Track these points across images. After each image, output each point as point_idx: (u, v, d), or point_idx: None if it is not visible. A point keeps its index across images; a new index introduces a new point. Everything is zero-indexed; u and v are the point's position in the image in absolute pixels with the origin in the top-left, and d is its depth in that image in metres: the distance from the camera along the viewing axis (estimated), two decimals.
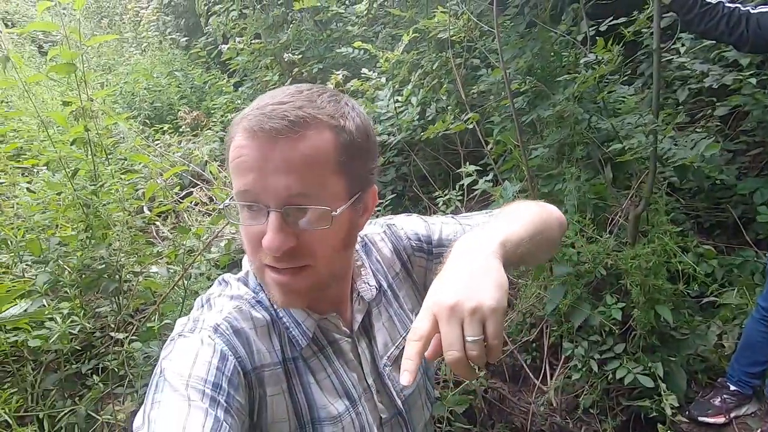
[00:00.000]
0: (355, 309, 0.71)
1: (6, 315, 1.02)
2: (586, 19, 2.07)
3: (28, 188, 1.71)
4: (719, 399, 1.89)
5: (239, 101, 3.61)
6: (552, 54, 2.36)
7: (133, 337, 1.36)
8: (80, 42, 1.45)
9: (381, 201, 2.66)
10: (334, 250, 0.60)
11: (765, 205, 2.30)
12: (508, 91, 1.95)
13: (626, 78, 2.74)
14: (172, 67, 4.43)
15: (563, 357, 2.04)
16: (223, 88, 3.93)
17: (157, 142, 2.80)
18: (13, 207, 1.69)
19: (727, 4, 1.61)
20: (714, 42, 2.31)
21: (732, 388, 1.87)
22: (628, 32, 1.91)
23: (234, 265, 1.45)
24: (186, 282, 1.37)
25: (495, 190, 1.91)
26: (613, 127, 2.00)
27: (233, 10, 4.47)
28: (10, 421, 1.08)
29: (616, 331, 1.89)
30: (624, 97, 2.47)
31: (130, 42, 5.35)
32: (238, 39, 3.61)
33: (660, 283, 1.94)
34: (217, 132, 3.25)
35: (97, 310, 1.51)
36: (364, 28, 3.10)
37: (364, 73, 2.48)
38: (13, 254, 1.44)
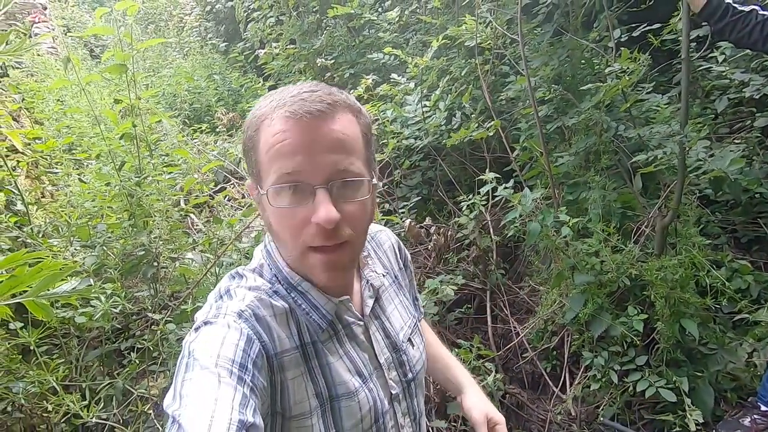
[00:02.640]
0: (366, 295, 0.76)
1: (59, 291, 1.13)
2: (617, 27, 2.05)
3: (79, 179, 1.87)
4: (749, 419, 1.82)
5: None
6: (582, 61, 2.35)
7: (168, 319, 1.47)
8: (131, 45, 1.58)
9: (406, 203, 2.71)
10: (367, 225, 0.67)
11: None
12: (532, 98, 1.96)
13: (662, 87, 2.68)
14: (211, 71, 4.65)
15: (583, 366, 2.02)
16: (258, 91, 4.08)
17: (195, 140, 2.95)
18: (66, 195, 1.85)
19: (761, 12, 1.57)
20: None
21: (763, 408, 1.80)
22: (657, 40, 1.88)
23: None
24: (218, 269, 1.46)
25: (515, 196, 1.92)
26: (640, 136, 1.97)
27: (271, 16, 4.66)
28: (58, 388, 1.19)
29: (639, 343, 1.86)
30: (658, 107, 2.42)
31: (174, 46, 5.63)
32: (274, 44, 3.75)
33: (687, 297, 1.89)
34: None
35: (136, 294, 1.62)
36: (395, 34, 3.17)
37: (393, 78, 2.53)
38: (65, 239, 1.57)
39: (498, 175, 2.03)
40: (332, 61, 3.58)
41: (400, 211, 2.60)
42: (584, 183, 2.20)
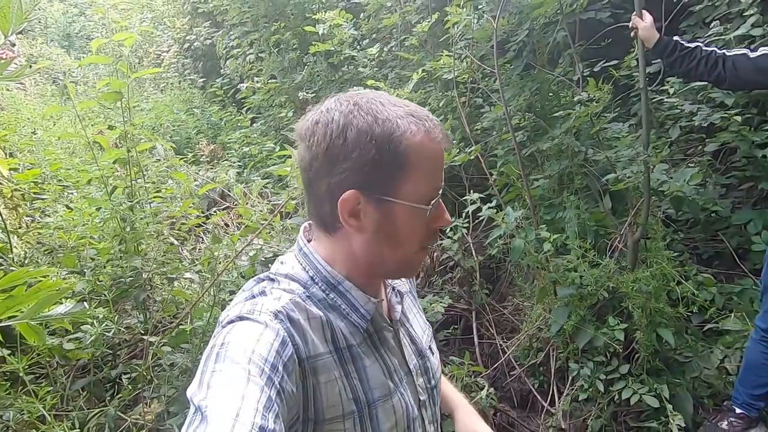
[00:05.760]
0: (394, 301, 0.78)
1: (53, 313, 1.11)
2: (580, 63, 2.26)
3: (67, 206, 1.84)
4: (726, 422, 1.91)
5: (255, 135, 3.82)
6: (550, 93, 2.55)
7: (164, 341, 1.44)
8: (127, 74, 1.62)
9: None
10: None
11: (758, 235, 2.40)
12: (510, 126, 2.11)
13: (621, 117, 2.93)
14: (190, 105, 4.70)
15: (570, 378, 2.08)
16: (240, 123, 4.15)
17: (181, 168, 2.97)
18: (48, 224, 1.82)
19: (704, 48, 1.80)
20: (702, 83, 2.50)
21: (738, 411, 1.90)
22: (618, 74, 2.09)
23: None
24: (215, 290, 1.45)
25: (498, 215, 2.02)
26: (608, 158, 2.15)
27: (250, 53, 4.81)
28: (47, 416, 1.14)
29: (621, 352, 1.94)
30: (618, 136, 2.64)
31: (150, 81, 5.67)
32: (256, 79, 3.86)
33: (661, 306, 2.01)
34: (233, 163, 3.43)
35: (125, 320, 1.59)
36: (375, 69, 3.34)
37: None
38: (50, 266, 1.54)
39: (482, 195, 2.14)
40: (313, 95, 3.71)
41: None
42: (559, 204, 2.34)
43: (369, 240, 0.69)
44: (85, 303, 1.38)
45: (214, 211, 2.26)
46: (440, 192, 0.68)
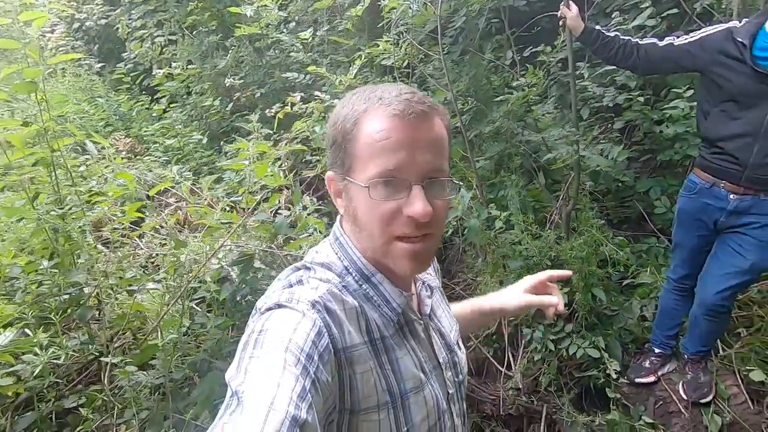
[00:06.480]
0: (423, 295, 0.79)
1: None
2: (513, 48, 2.41)
3: None
4: (648, 362, 2.24)
5: (179, 126, 3.51)
6: (484, 79, 2.69)
7: (129, 360, 1.30)
8: (43, 60, 1.40)
9: None
10: (445, 222, 0.72)
11: (659, 200, 2.80)
12: (456, 109, 2.20)
13: (542, 99, 3.19)
14: (91, 94, 4.16)
15: (523, 342, 2.28)
16: (157, 113, 3.78)
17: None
18: None
19: (622, 37, 2.02)
20: (610, 68, 2.80)
21: (656, 351, 2.23)
22: (548, 59, 2.26)
23: (224, 280, 1.46)
24: (183, 299, 1.34)
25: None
26: (543, 140, 2.34)
27: (159, 35, 4.37)
28: None
29: (566, 313, 2.17)
30: (543, 115, 2.87)
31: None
32: (174, 65, 3.53)
33: (593, 269, 2.28)
34: (157, 158, 3.13)
35: (71, 343, 1.40)
36: (309, 54, 3.24)
37: (318, 96, 2.60)
38: None
39: None
40: (240, 81, 3.50)
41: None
42: (500, 183, 2.51)
43: (351, 224, 0.71)
44: (27, 330, 1.20)
45: (167, 213, 2.07)
46: (392, 175, 0.64)
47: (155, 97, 4.13)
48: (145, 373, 1.42)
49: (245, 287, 1.49)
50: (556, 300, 0.92)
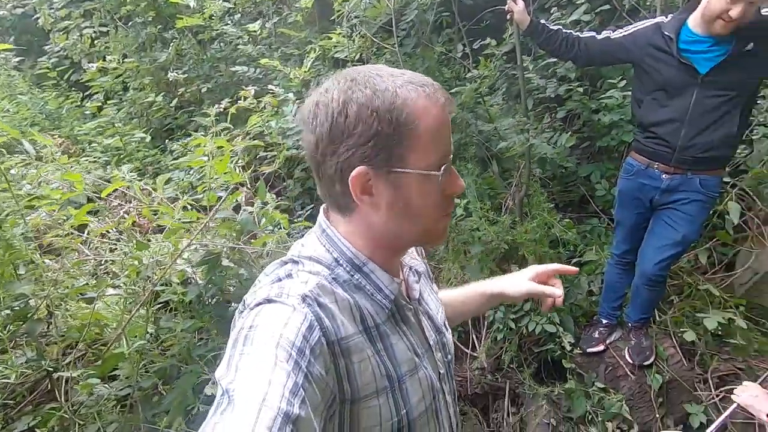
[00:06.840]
0: (411, 280, 0.82)
1: None
2: (464, 41, 2.49)
3: None
4: (597, 332, 2.42)
5: (118, 124, 3.28)
6: (436, 71, 2.76)
7: (90, 371, 1.21)
8: None
9: (301, 213, 2.73)
10: None
11: (599, 183, 3.02)
12: None
13: (491, 91, 3.32)
14: (12, 91, 3.77)
15: (486, 323, 2.39)
16: (89, 111, 3.51)
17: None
18: None
19: (565, 31, 2.15)
20: (552, 60, 2.97)
21: (604, 321, 2.43)
22: (498, 52, 2.36)
23: (189, 281, 1.40)
24: (148, 304, 1.26)
25: None
26: (496, 129, 2.44)
27: (87, 27, 4.03)
28: None
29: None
30: (491, 106, 3.00)
31: None
32: (109, 58, 3.29)
33: (546, 250, 2.43)
34: (97, 158, 2.91)
35: (17, 359, 1.28)
36: (258, 47, 3.14)
37: (271, 89, 2.53)
38: None
39: None
40: (184, 75, 3.33)
41: (297, 219, 2.62)
42: (458, 171, 2.59)
43: (386, 216, 0.69)
44: None
45: (122, 215, 1.93)
46: (450, 157, 0.69)
47: (87, 93, 3.83)
48: (107, 385, 1.34)
49: (212, 287, 1.45)
50: (559, 292, 0.95)
